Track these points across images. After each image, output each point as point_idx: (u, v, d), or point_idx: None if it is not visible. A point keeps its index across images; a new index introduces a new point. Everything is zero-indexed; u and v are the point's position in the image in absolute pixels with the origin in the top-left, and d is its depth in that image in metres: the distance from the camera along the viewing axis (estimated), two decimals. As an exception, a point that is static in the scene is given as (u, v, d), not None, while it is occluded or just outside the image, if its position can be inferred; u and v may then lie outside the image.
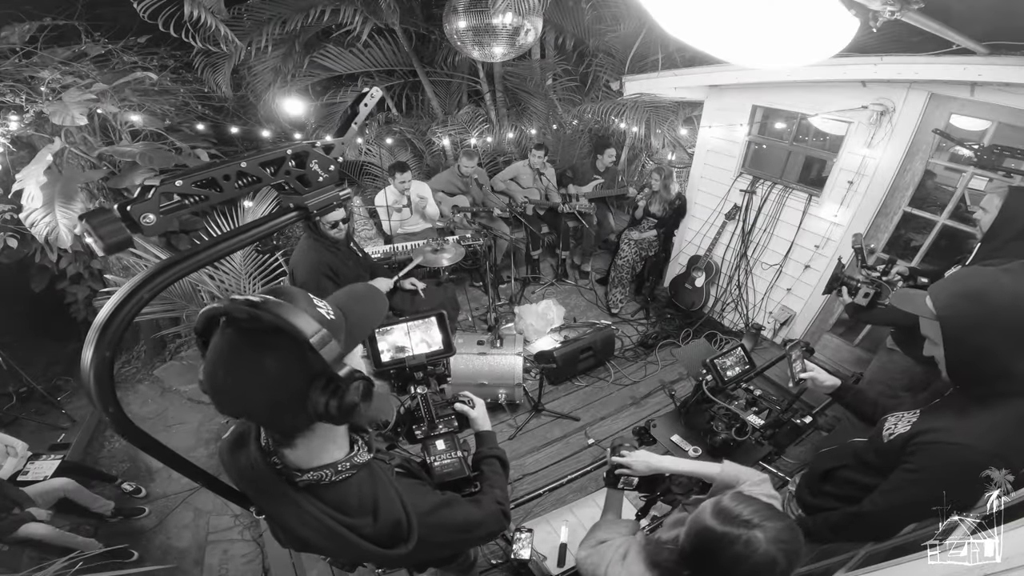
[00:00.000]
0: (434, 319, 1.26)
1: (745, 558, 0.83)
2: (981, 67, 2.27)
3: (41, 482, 2.68)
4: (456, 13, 3.67)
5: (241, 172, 0.74)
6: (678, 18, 0.99)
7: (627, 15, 4.51)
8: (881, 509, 1.18)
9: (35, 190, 3.15)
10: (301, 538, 0.82)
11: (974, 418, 1.07)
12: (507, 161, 5.27)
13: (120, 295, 0.66)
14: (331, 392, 0.72)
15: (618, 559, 1.06)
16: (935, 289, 1.10)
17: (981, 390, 1.08)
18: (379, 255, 3.73)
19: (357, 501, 0.83)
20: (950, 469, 1.06)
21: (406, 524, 0.85)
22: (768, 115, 3.60)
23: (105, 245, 0.61)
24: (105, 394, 0.67)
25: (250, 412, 0.76)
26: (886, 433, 1.25)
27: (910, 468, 1.13)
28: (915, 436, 1.14)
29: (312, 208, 0.82)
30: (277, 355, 0.70)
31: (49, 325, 4.41)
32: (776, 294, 3.81)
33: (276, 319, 0.67)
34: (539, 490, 2.43)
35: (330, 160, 0.85)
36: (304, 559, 2.40)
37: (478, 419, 1.26)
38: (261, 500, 0.85)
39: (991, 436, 1.03)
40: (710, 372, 2.11)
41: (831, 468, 1.42)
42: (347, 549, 0.81)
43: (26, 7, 3.64)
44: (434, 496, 0.98)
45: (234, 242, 0.77)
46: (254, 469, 0.81)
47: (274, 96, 4.86)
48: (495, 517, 1.06)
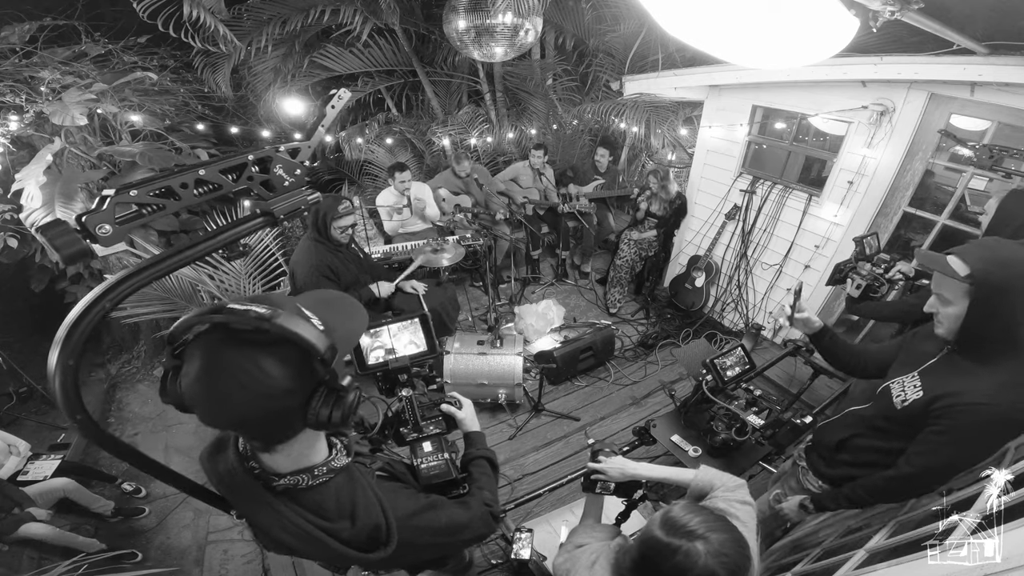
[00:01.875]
0: (418, 321, 1.26)
1: (685, 569, 0.83)
2: (981, 67, 2.27)
3: (41, 482, 2.67)
4: (456, 13, 3.67)
5: (200, 180, 0.73)
6: (678, 18, 0.99)
7: (627, 15, 4.51)
8: (920, 469, 1.26)
9: (35, 190, 3.15)
10: (280, 542, 0.82)
11: (983, 378, 1.17)
12: (507, 161, 5.28)
13: (83, 304, 0.66)
14: (333, 403, 0.73)
15: (587, 566, 1.06)
16: (964, 252, 1.16)
17: (986, 350, 1.18)
18: (379, 255, 3.73)
19: (335, 505, 0.83)
20: (977, 427, 1.16)
21: (385, 528, 0.85)
22: (768, 115, 3.60)
23: (62, 256, 0.62)
24: (71, 402, 0.67)
25: (244, 423, 0.74)
26: (897, 400, 1.32)
27: (939, 430, 1.21)
28: (935, 400, 1.22)
29: (277, 213, 0.81)
30: (285, 364, 0.69)
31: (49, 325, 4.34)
32: (776, 294, 3.81)
33: (286, 332, 0.66)
34: (539, 490, 2.43)
35: (295, 164, 0.83)
36: (304, 559, 2.40)
37: (465, 420, 1.26)
38: (240, 504, 0.85)
39: (1003, 394, 1.14)
40: (710, 372, 2.11)
41: (843, 438, 1.49)
42: (325, 553, 0.81)
43: (26, 7, 3.64)
44: (417, 499, 0.97)
45: (199, 249, 0.76)
46: (232, 474, 0.81)
47: (274, 96, 4.86)
48: (482, 519, 1.05)
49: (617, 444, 1.78)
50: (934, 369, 1.31)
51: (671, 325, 4.22)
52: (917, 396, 1.28)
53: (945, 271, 1.16)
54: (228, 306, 0.67)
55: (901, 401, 1.32)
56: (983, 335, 1.18)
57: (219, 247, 0.78)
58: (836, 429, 1.55)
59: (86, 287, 3.98)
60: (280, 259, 3.93)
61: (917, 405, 1.27)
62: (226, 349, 0.68)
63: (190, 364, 0.69)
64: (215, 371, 0.68)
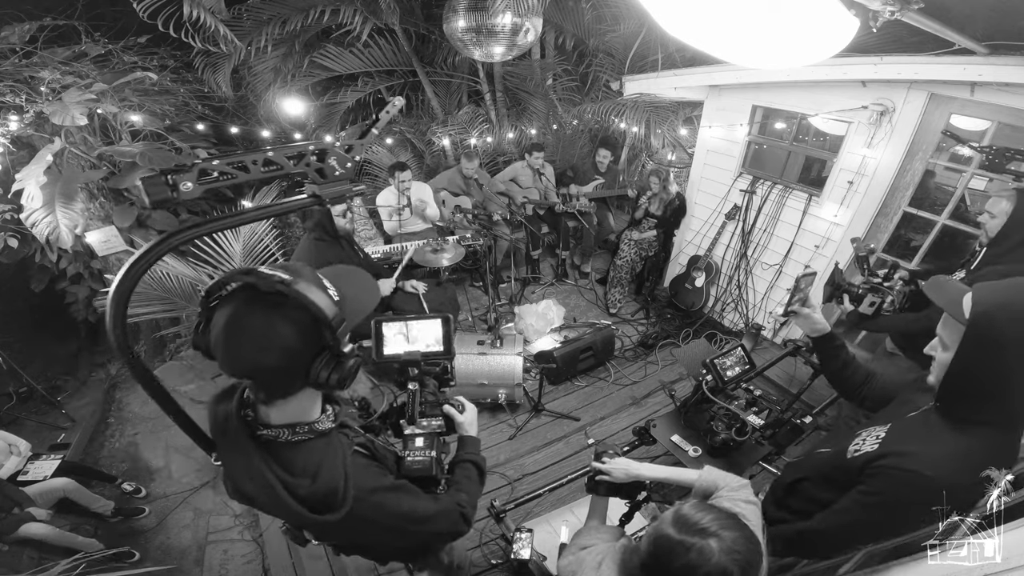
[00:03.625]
0: (439, 321, 1.27)
1: (697, 567, 0.82)
2: (981, 67, 2.26)
3: (41, 482, 2.68)
4: (456, 13, 3.67)
5: (268, 160, 0.86)
6: (678, 18, 0.99)
7: (627, 15, 4.50)
8: (828, 528, 1.16)
9: (35, 190, 3.15)
10: (241, 488, 0.89)
11: (944, 445, 1.01)
12: (507, 161, 5.27)
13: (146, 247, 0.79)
14: (333, 366, 0.83)
15: (593, 567, 1.05)
16: (980, 292, 0.97)
17: (965, 411, 1.02)
18: (379, 255, 3.74)
19: (302, 463, 0.88)
20: (903, 498, 1.02)
21: (341, 492, 0.87)
22: (768, 115, 3.60)
23: (151, 200, 0.78)
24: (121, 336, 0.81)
25: (256, 373, 0.82)
26: (852, 449, 1.17)
27: (864, 490, 1.08)
28: (878, 458, 1.07)
29: (325, 196, 0.92)
30: (296, 325, 0.79)
31: (49, 325, 4.40)
32: (776, 294, 3.81)
33: (301, 298, 0.77)
34: (539, 490, 2.42)
35: (348, 158, 0.94)
36: (304, 559, 2.41)
37: (464, 423, 1.27)
38: (221, 446, 0.91)
39: (954, 466, 0.97)
40: (710, 372, 2.11)
41: (795, 480, 1.36)
42: (278, 506, 0.85)
43: (26, 7, 3.64)
44: (384, 478, 1.00)
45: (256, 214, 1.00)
46: (227, 417, 0.87)
47: (274, 96, 4.86)
48: (450, 516, 1.06)
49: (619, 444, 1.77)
50: (906, 424, 1.14)
51: (671, 325, 4.22)
52: (870, 450, 1.11)
53: (949, 310, 0.99)
54: (258, 269, 0.79)
55: (855, 451, 1.15)
56: (968, 390, 0.99)
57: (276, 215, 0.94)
58: (793, 470, 1.42)
59: (86, 287, 3.99)
60: (280, 259, 3.94)
61: (862, 458, 1.11)
62: (248, 307, 0.77)
63: (218, 317, 0.79)
64: (236, 325, 0.77)
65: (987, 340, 0.93)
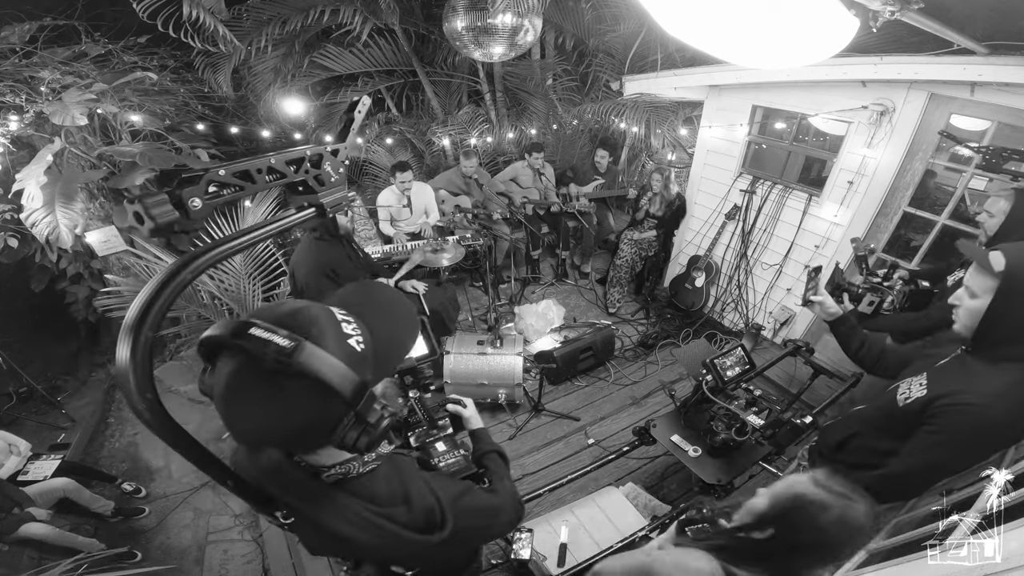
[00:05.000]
0: None
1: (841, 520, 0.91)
2: (981, 67, 2.26)
3: (41, 482, 2.67)
4: (456, 13, 3.67)
5: (271, 168, 0.80)
6: (678, 18, 0.99)
7: (627, 15, 4.51)
8: (910, 470, 1.24)
9: (35, 190, 3.15)
10: (339, 535, 0.78)
11: (987, 380, 1.16)
12: (507, 161, 5.27)
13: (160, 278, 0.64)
14: (359, 432, 0.69)
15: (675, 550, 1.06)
16: (1007, 249, 1.15)
17: (1001, 351, 1.17)
18: (379, 255, 3.74)
19: (387, 491, 0.82)
20: (970, 430, 1.14)
21: (439, 510, 0.83)
22: (768, 115, 3.60)
23: (157, 224, 0.62)
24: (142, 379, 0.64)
25: (265, 443, 0.72)
26: (901, 397, 1.31)
27: (933, 430, 1.19)
28: (934, 400, 1.20)
29: (327, 206, 0.87)
30: (302, 404, 0.65)
31: (49, 325, 4.40)
32: (776, 294, 3.81)
33: (307, 371, 0.62)
34: (539, 490, 2.43)
35: (339, 163, 0.90)
36: (304, 559, 2.40)
37: (471, 418, 1.26)
38: (294, 499, 0.80)
39: (1003, 399, 1.12)
40: (710, 372, 2.11)
41: (844, 437, 1.48)
42: (387, 540, 0.78)
43: (26, 7, 3.63)
44: (456, 482, 0.96)
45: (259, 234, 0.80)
46: (279, 469, 0.78)
47: (274, 96, 4.86)
48: (514, 504, 1.05)
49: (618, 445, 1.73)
50: (943, 369, 1.30)
51: (671, 325, 4.22)
52: (920, 394, 1.26)
53: (983, 264, 1.15)
54: (251, 330, 0.62)
55: (904, 399, 1.30)
56: (1000, 334, 1.16)
57: (273, 234, 0.81)
58: (839, 429, 1.55)
59: (86, 287, 3.99)
60: (280, 259, 3.93)
61: (917, 403, 1.25)
62: (246, 376, 0.64)
63: (218, 374, 0.66)
64: (235, 396, 0.65)
65: (1018, 290, 1.09)
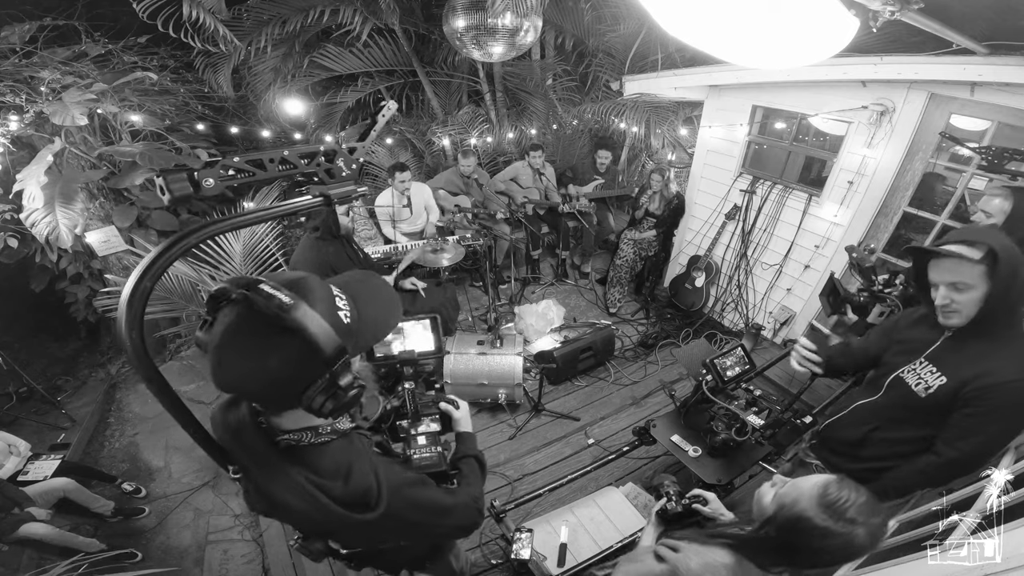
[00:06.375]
0: (428, 321, 1.28)
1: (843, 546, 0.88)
2: (981, 67, 2.26)
3: (41, 482, 2.67)
4: (456, 13, 3.67)
5: (283, 159, 0.88)
6: (678, 18, 0.99)
7: (627, 15, 4.51)
8: (969, 451, 1.29)
9: (35, 190, 3.15)
10: (274, 498, 0.84)
11: (1001, 357, 1.24)
12: (507, 161, 5.27)
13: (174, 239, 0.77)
14: (329, 395, 0.76)
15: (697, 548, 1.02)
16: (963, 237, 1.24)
17: (996, 330, 1.25)
18: (379, 255, 3.74)
19: (331, 464, 0.86)
20: (1016, 404, 1.22)
21: (376, 492, 0.86)
22: (768, 115, 3.60)
23: (173, 196, 0.75)
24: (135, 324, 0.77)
25: (242, 391, 0.81)
26: (919, 389, 1.37)
27: (981, 411, 1.25)
28: (964, 385, 1.27)
29: (333, 197, 0.93)
30: (287, 355, 0.72)
31: (49, 325, 4.41)
32: (776, 294, 3.81)
33: (299, 327, 0.70)
34: (539, 490, 2.43)
35: (353, 160, 0.97)
36: (304, 559, 2.40)
37: (461, 420, 1.28)
38: (244, 458, 0.88)
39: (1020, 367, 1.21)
40: (710, 372, 2.11)
41: (863, 434, 1.52)
42: (315, 509, 0.82)
43: (26, 7, 3.64)
44: (408, 473, 1.00)
45: (269, 213, 0.92)
46: (242, 426, 0.85)
47: (274, 96, 4.86)
48: (467, 510, 1.06)
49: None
50: (942, 355, 1.35)
51: (671, 325, 4.22)
52: (941, 383, 1.32)
53: (966, 256, 1.20)
54: (261, 285, 0.72)
55: (924, 390, 1.35)
56: (998, 314, 1.22)
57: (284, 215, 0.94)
58: (848, 425, 1.56)
59: (86, 287, 3.99)
60: (280, 259, 3.94)
61: (944, 391, 1.31)
62: (243, 325, 0.72)
63: (217, 326, 0.74)
64: (228, 342, 0.73)
65: (1013, 265, 1.17)
